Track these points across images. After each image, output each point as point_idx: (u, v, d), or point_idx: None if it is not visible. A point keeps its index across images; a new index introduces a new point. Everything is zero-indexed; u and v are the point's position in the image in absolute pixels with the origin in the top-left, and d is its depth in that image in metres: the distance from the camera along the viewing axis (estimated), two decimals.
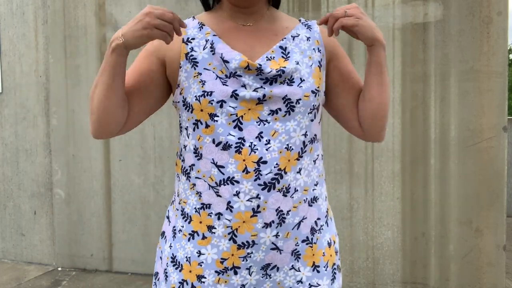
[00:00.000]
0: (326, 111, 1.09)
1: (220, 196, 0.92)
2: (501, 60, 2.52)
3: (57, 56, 3.22)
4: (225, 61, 0.92)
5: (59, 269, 3.29)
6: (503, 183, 2.56)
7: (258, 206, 0.91)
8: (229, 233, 0.93)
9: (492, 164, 2.56)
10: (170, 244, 1.00)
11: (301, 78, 0.93)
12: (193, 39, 0.97)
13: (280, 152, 0.91)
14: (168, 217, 1.06)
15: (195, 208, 0.96)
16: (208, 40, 0.95)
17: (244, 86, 0.91)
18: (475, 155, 2.58)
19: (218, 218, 0.93)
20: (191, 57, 0.95)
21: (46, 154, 3.33)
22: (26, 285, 2.97)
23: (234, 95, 0.90)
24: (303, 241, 0.97)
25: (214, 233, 0.94)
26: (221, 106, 0.90)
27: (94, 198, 3.21)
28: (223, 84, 0.91)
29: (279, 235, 0.94)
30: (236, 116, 0.90)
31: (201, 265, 0.95)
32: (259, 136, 0.91)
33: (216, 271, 0.94)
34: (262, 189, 0.91)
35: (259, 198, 0.91)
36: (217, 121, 0.91)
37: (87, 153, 3.20)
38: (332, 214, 1.11)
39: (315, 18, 2.74)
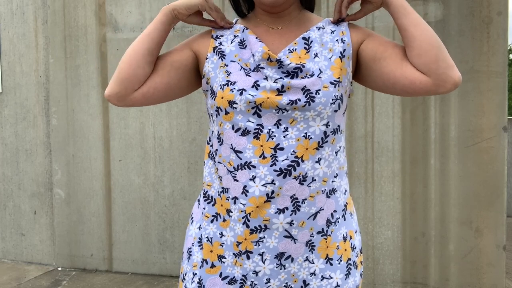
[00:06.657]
0: (385, 91, 0.99)
1: (237, 181, 0.95)
2: (501, 60, 2.52)
3: (57, 56, 3.22)
4: (252, 55, 0.96)
5: (59, 269, 3.29)
6: (503, 183, 2.56)
7: (273, 192, 0.93)
8: (243, 217, 0.95)
9: (492, 164, 2.56)
10: (200, 225, 1.04)
11: (319, 69, 0.94)
12: (222, 36, 1.03)
13: (298, 140, 0.92)
14: (198, 200, 1.10)
15: (217, 191, 1.00)
16: (237, 36, 1.01)
17: (266, 78, 0.94)
18: (475, 155, 2.58)
19: (234, 202, 0.96)
20: (218, 50, 1.00)
21: (46, 154, 3.33)
22: (26, 285, 2.97)
23: (255, 85, 0.93)
24: (318, 232, 0.97)
25: (231, 216, 0.97)
26: (240, 94, 0.93)
27: (94, 198, 3.21)
28: (246, 75, 0.94)
29: (293, 223, 0.94)
30: (255, 103, 0.92)
31: (222, 246, 0.98)
32: (277, 123, 0.93)
33: (233, 253, 0.97)
34: (278, 175, 0.92)
35: (274, 184, 0.92)
36: (236, 108, 0.93)
37: (87, 153, 3.20)
38: (355, 210, 1.10)
39: None
